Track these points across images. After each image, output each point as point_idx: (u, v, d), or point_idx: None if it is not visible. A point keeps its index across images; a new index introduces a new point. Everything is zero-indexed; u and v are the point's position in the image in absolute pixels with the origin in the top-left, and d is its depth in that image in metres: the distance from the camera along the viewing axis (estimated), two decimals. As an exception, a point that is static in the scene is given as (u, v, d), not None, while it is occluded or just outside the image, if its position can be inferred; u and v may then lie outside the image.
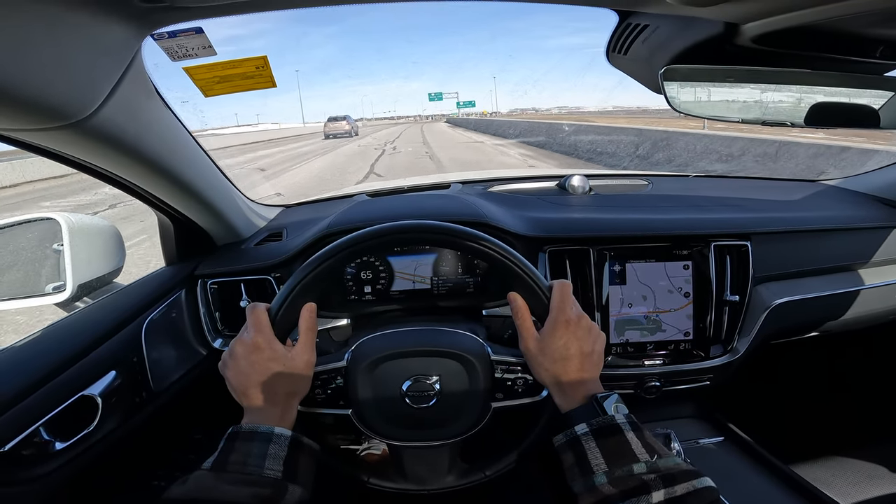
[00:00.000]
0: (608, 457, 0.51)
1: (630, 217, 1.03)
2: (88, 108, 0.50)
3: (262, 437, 0.53)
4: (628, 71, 0.65)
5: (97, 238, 0.92)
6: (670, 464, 0.49)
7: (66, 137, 0.53)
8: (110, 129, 0.55)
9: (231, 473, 0.50)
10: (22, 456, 0.60)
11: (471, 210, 0.99)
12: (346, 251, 0.62)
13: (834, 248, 1.07)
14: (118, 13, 0.48)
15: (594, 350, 0.60)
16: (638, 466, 0.49)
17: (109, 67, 0.51)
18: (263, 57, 0.61)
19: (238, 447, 0.52)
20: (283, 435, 0.54)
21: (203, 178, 0.82)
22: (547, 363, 0.59)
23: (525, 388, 0.66)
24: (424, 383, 0.65)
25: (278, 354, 0.58)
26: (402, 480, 0.70)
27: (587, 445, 0.52)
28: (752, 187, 1.36)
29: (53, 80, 0.45)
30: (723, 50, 0.52)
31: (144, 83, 0.60)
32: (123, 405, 0.74)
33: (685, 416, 1.12)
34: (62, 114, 0.48)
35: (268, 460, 0.52)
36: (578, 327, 0.59)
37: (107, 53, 0.50)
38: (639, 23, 0.56)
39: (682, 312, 0.97)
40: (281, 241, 1.03)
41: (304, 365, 0.59)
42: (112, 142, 0.58)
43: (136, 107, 0.59)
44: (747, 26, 0.47)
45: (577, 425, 0.54)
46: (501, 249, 0.62)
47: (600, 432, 0.53)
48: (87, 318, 0.78)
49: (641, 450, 0.50)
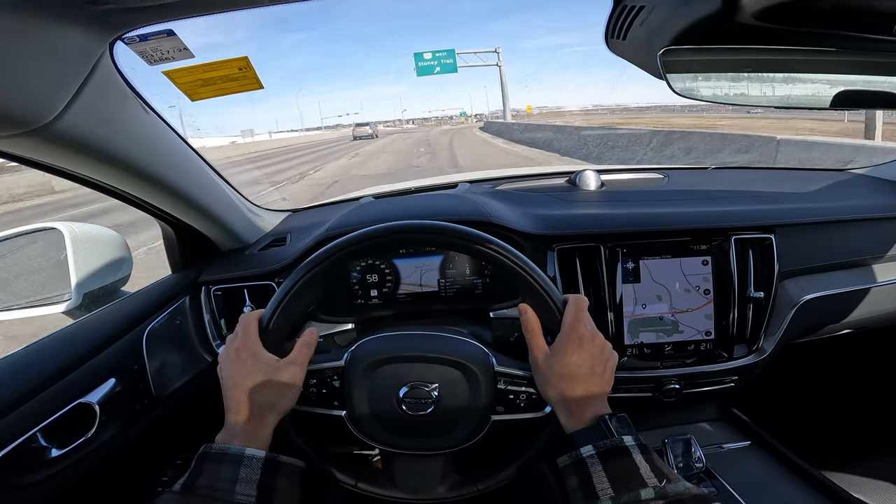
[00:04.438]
0: (615, 481, 0.48)
1: (642, 212, 0.99)
2: (49, 114, 0.49)
3: (231, 459, 0.50)
4: (628, 57, 0.61)
5: (102, 247, 0.92)
6: (680, 489, 0.47)
7: (30, 144, 0.52)
8: (77, 133, 0.54)
9: (199, 498, 0.47)
10: (16, 462, 0.60)
11: (475, 209, 0.96)
12: (338, 254, 0.60)
13: (865, 239, 1.01)
14: (72, 18, 0.47)
15: (606, 370, 0.57)
16: (646, 492, 0.46)
17: (69, 72, 0.50)
18: (244, 58, 0.60)
19: (207, 469, 0.49)
20: (256, 456, 0.51)
21: (196, 184, 0.81)
22: (555, 380, 0.56)
23: (528, 403, 0.63)
24: (422, 390, 0.62)
25: (259, 363, 0.55)
26: (391, 488, 0.67)
27: (593, 469, 0.49)
28: (775, 178, 1.30)
29: (6, 87, 0.44)
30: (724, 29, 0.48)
31: (115, 87, 0.59)
32: (123, 413, 0.74)
33: (707, 419, 1.06)
34: (21, 121, 0.48)
35: (239, 484, 0.48)
36: (592, 345, 0.56)
37: (65, 59, 0.49)
38: (634, 4, 0.52)
39: (700, 312, 0.92)
40: (284, 246, 1.02)
41: (290, 377, 0.57)
42: (81, 147, 0.57)
43: (106, 111, 0.58)
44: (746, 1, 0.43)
45: (584, 447, 0.51)
46: (514, 257, 0.59)
47: (607, 455, 0.50)
48: (87, 326, 0.78)
49: (650, 474, 0.48)
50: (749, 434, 0.99)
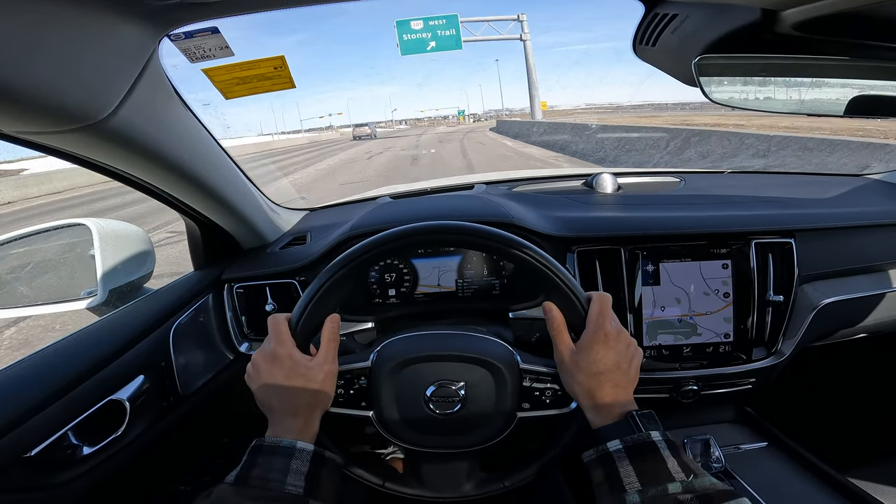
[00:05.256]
0: (642, 475, 0.48)
1: (662, 215, 0.99)
2: (105, 109, 0.50)
3: (284, 452, 0.52)
4: (658, 63, 0.62)
5: (127, 243, 0.93)
6: (706, 484, 0.47)
7: (83, 140, 0.53)
8: (128, 131, 0.55)
9: (253, 488, 0.49)
10: (49, 461, 0.61)
11: (496, 210, 0.97)
12: (368, 254, 0.60)
13: (883, 244, 1.01)
14: (131, 12, 0.47)
15: (631, 366, 0.58)
16: (673, 486, 0.47)
17: (125, 68, 0.51)
18: (281, 57, 0.60)
19: (260, 461, 0.52)
20: (306, 450, 0.53)
21: (226, 182, 0.82)
22: (581, 377, 0.56)
23: (553, 399, 0.63)
24: (449, 389, 0.63)
25: (298, 365, 0.57)
26: (418, 487, 0.68)
27: (620, 463, 0.50)
28: (793, 183, 1.30)
29: (68, 81, 0.44)
30: (761, 38, 0.48)
31: (163, 85, 0.60)
32: (151, 409, 0.75)
33: (726, 420, 1.07)
34: (78, 116, 0.48)
35: (290, 475, 0.51)
36: (618, 342, 0.57)
37: (122, 54, 0.50)
38: (667, 13, 0.53)
39: (719, 315, 0.93)
40: (305, 245, 1.03)
41: (325, 376, 0.58)
42: (131, 144, 0.57)
43: (155, 109, 0.58)
44: (787, 13, 0.44)
45: (610, 441, 0.52)
46: (539, 256, 0.59)
47: (634, 450, 0.50)
48: (115, 323, 0.78)
49: (677, 469, 0.48)
50: (766, 435, 1.00)
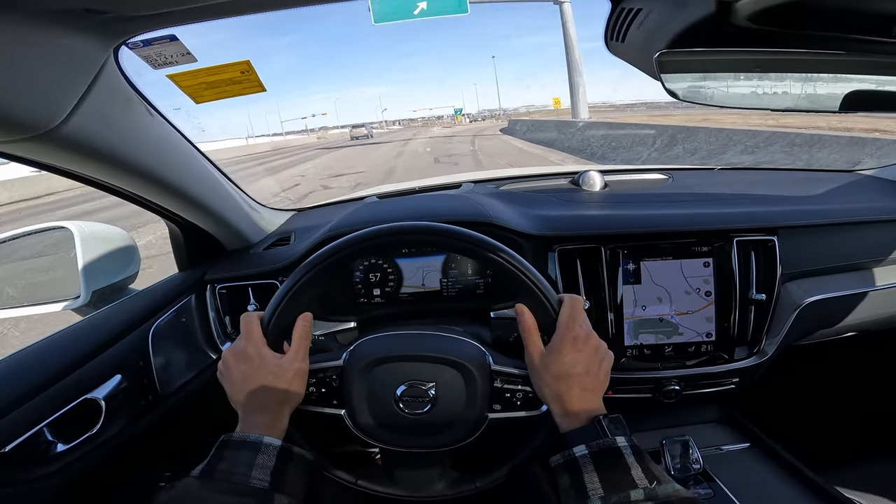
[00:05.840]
0: (605, 481, 0.48)
1: (644, 213, 0.99)
2: (56, 118, 0.51)
3: (250, 447, 0.53)
4: (628, 59, 0.61)
5: (110, 245, 0.94)
6: (669, 490, 0.47)
7: (38, 148, 0.54)
8: (84, 137, 0.56)
9: (218, 482, 0.50)
10: (23, 457, 0.62)
11: (476, 210, 0.97)
12: (340, 254, 0.61)
13: (870, 241, 1.00)
14: (74, 27, 0.48)
15: (601, 370, 0.58)
16: (635, 493, 0.47)
17: (74, 78, 0.52)
18: (246, 61, 0.61)
19: (227, 456, 0.52)
20: (273, 444, 0.54)
21: (202, 183, 0.83)
22: (549, 379, 0.57)
23: (524, 401, 0.63)
24: (419, 389, 0.63)
25: (267, 363, 0.58)
26: (390, 485, 0.68)
27: (585, 468, 0.50)
28: (782, 179, 1.29)
29: (13, 93, 0.45)
30: (721, 32, 0.48)
31: (120, 91, 0.61)
32: (129, 408, 0.75)
33: (707, 420, 1.06)
34: (28, 126, 0.49)
35: (255, 469, 0.51)
36: (586, 345, 0.57)
37: (71, 64, 0.50)
38: (631, 7, 0.52)
39: (701, 315, 0.92)
40: (288, 245, 1.03)
41: (295, 374, 0.59)
42: (88, 150, 0.58)
43: (112, 115, 0.59)
44: (740, 4, 0.43)
45: (576, 447, 0.52)
46: (510, 257, 0.59)
47: (599, 455, 0.51)
48: (94, 323, 0.79)
49: (641, 475, 0.48)
50: (749, 436, 0.99)
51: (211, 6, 0.48)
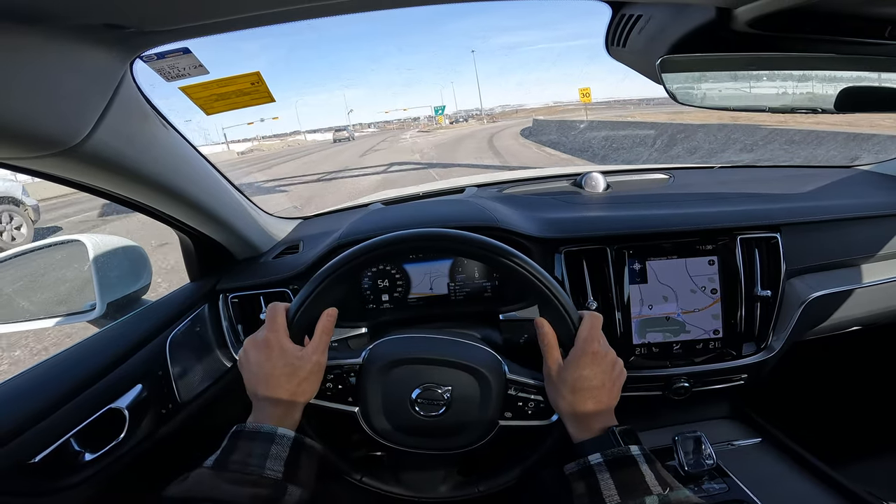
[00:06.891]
0: (621, 488, 0.50)
1: (648, 213, 1.00)
2: (79, 134, 0.51)
3: (264, 437, 0.54)
4: (629, 63, 0.63)
5: (122, 257, 0.95)
6: (681, 497, 0.49)
7: (61, 163, 0.54)
8: (105, 152, 0.57)
9: (231, 472, 0.50)
10: (51, 467, 0.62)
11: (483, 215, 0.98)
12: (371, 254, 0.62)
13: (872, 236, 1.01)
14: (99, 40, 0.49)
15: (615, 386, 0.60)
16: (650, 499, 0.49)
17: (96, 93, 0.52)
18: (256, 73, 0.62)
19: (240, 446, 0.53)
20: (286, 436, 0.55)
21: (213, 195, 0.84)
22: (566, 392, 0.58)
23: (536, 411, 0.64)
24: (435, 392, 0.64)
25: (286, 354, 0.58)
26: (395, 484, 0.70)
27: (600, 476, 0.52)
28: (782, 176, 1.30)
29: (39, 109, 0.46)
30: (721, 37, 0.49)
31: (138, 105, 0.62)
32: (150, 417, 0.77)
33: (718, 416, 1.07)
34: (52, 142, 0.49)
35: (269, 460, 0.52)
36: (604, 361, 0.59)
37: (92, 80, 0.51)
38: (632, 13, 0.54)
39: (707, 312, 0.94)
40: (297, 254, 1.05)
41: (313, 366, 0.59)
42: (109, 165, 0.59)
43: (131, 129, 0.60)
44: (740, 10, 0.45)
45: (591, 455, 0.54)
46: (534, 270, 0.60)
47: (614, 464, 0.52)
48: (114, 335, 0.81)
49: (654, 482, 0.50)
50: (760, 431, 1.00)
51: (229, 21, 0.49)
